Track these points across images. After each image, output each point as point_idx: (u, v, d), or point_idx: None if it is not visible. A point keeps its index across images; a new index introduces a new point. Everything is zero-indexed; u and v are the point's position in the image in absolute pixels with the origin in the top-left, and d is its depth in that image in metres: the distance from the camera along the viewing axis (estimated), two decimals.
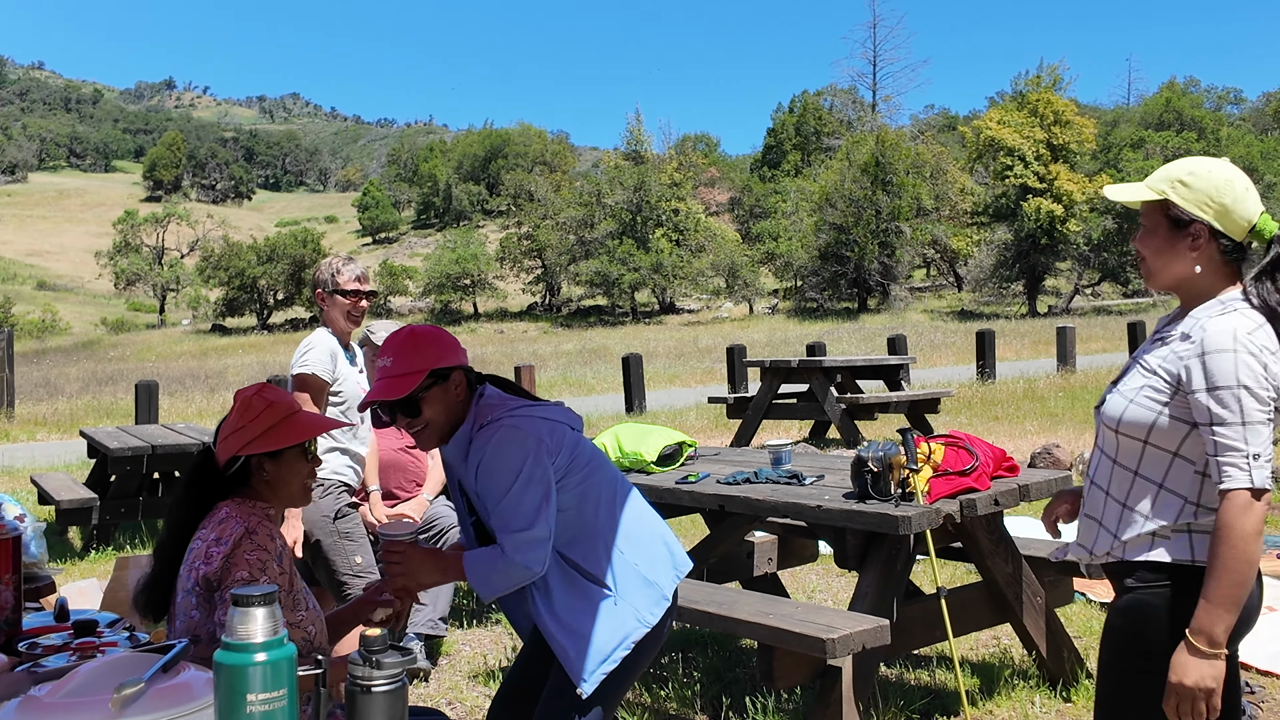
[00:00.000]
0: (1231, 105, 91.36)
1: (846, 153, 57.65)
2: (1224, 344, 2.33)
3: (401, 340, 2.94)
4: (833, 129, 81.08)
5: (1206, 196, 2.43)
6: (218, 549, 2.67)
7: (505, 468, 2.81)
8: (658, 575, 3.02)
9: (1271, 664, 4.97)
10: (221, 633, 2.59)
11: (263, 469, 2.81)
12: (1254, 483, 2.26)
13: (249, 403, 2.85)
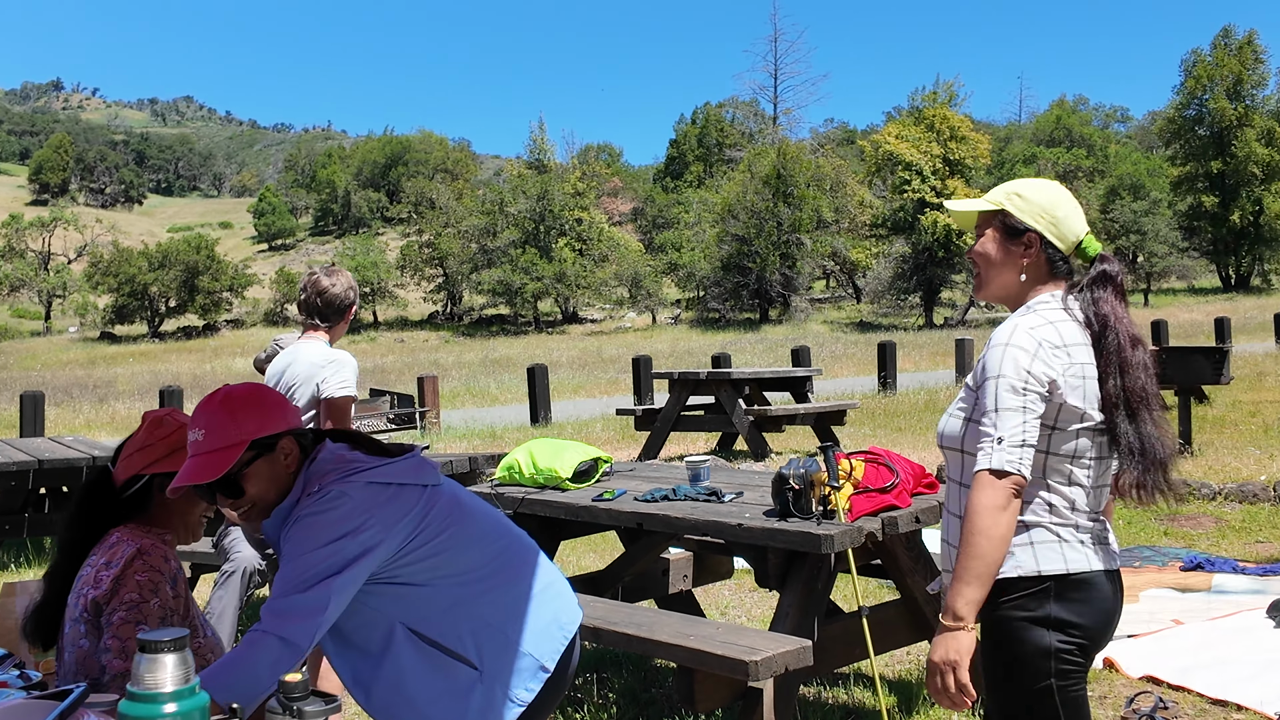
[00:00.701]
0: (1118, 123, 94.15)
1: (748, 165, 58.14)
2: (1000, 339, 2.47)
3: (214, 408, 2.46)
4: (734, 141, 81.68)
5: (1040, 208, 2.57)
6: (107, 573, 2.50)
7: (312, 535, 2.35)
8: (535, 644, 2.60)
9: (1182, 679, 5.02)
10: (109, 659, 2.42)
11: (162, 492, 2.61)
12: (992, 464, 2.37)
13: (159, 421, 2.69)
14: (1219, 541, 7.82)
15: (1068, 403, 2.46)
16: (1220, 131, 60.06)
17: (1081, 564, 2.48)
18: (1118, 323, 2.51)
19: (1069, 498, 2.50)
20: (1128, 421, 2.48)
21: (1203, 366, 10.63)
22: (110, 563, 2.52)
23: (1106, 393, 2.48)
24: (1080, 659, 2.48)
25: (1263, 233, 59.66)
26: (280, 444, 2.47)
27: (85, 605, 2.50)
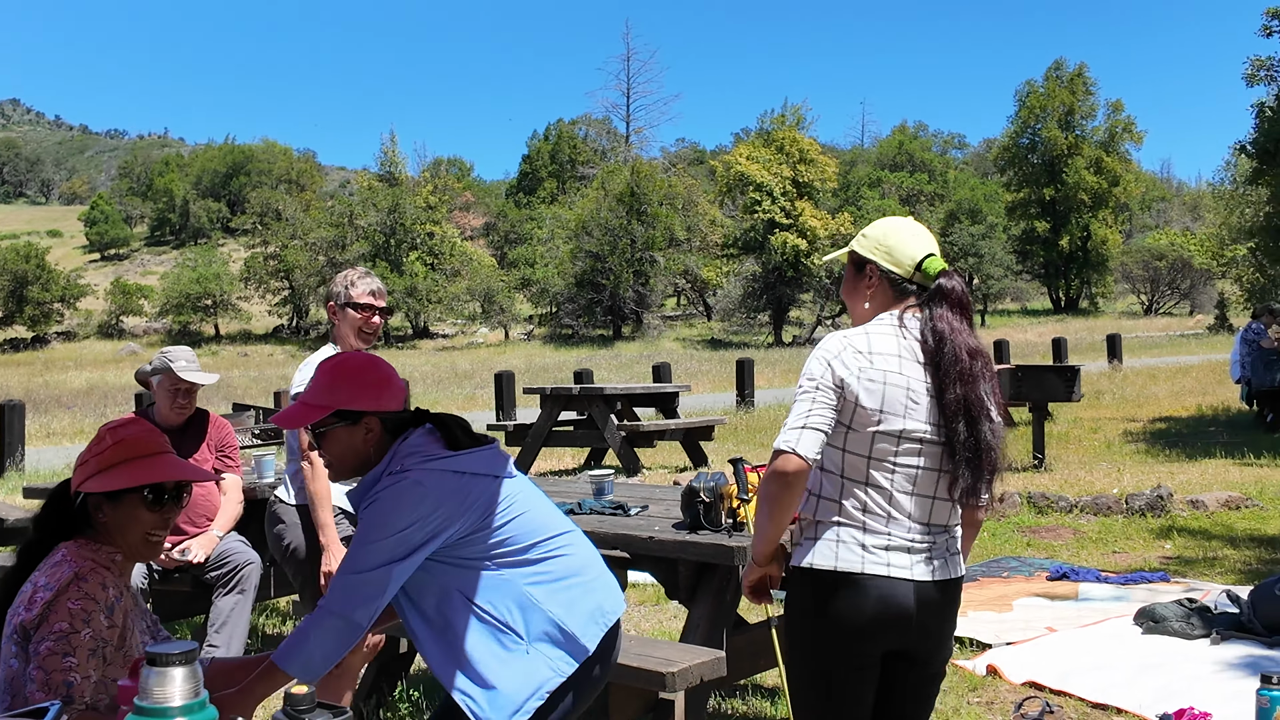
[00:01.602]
0: (956, 150, 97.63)
1: (601, 182, 58.41)
2: (816, 349, 2.75)
3: (323, 369, 2.79)
4: (587, 158, 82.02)
5: (874, 241, 2.87)
6: (41, 595, 2.38)
7: (386, 522, 2.60)
8: (578, 625, 2.81)
9: (1063, 683, 5.21)
10: (32, 690, 2.30)
11: (100, 510, 2.53)
12: (776, 443, 2.64)
13: (100, 435, 2.60)
14: (1079, 552, 8.16)
15: (860, 404, 2.64)
16: (1052, 160, 62.81)
17: (852, 564, 2.66)
18: (954, 335, 2.69)
19: (862, 500, 2.67)
20: (967, 430, 2.66)
21: (1056, 384, 11.09)
22: (47, 584, 2.40)
23: (946, 403, 2.66)
24: (845, 652, 2.71)
25: (1090, 257, 62.56)
26: (364, 420, 2.72)
27: (15, 626, 2.39)
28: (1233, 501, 9.19)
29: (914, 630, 2.71)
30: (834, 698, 2.77)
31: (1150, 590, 6.86)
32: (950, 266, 2.82)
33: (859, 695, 2.78)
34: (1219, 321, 44.71)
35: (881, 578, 2.66)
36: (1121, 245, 63.80)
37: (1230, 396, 16.90)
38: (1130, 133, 65.20)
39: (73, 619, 2.37)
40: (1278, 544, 8.08)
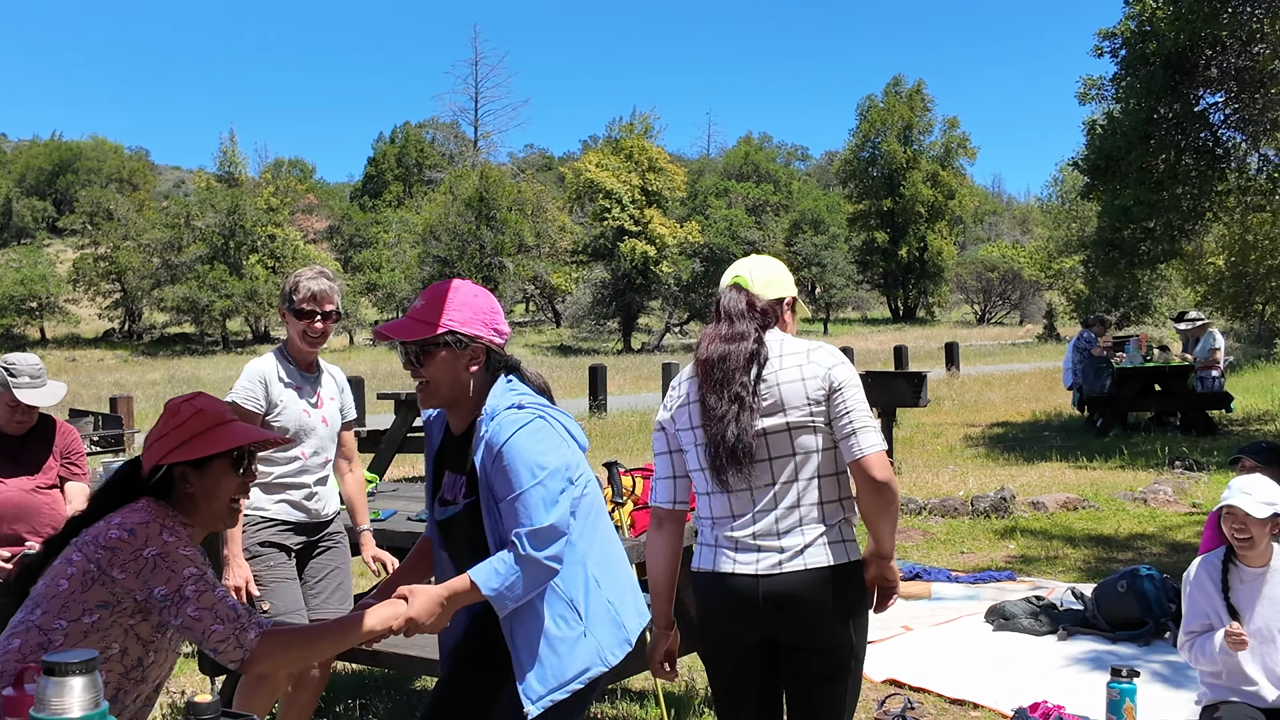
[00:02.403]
0: (799, 161, 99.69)
1: (449, 186, 57.81)
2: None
3: (439, 290, 2.80)
4: (435, 162, 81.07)
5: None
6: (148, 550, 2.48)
7: (533, 461, 2.63)
8: (626, 616, 2.87)
9: (922, 681, 5.35)
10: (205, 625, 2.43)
11: (186, 480, 2.62)
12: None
13: (176, 409, 2.66)
14: (929, 553, 8.39)
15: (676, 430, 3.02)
16: (891, 173, 64.68)
17: (701, 563, 2.98)
18: (701, 339, 2.98)
19: (707, 502, 2.97)
20: (719, 428, 2.91)
21: (904, 390, 11.41)
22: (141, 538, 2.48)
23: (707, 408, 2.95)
24: (705, 638, 3.02)
25: (927, 268, 64.60)
26: (471, 346, 2.75)
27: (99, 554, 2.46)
28: (1070, 503, 9.58)
29: (771, 619, 2.86)
30: (715, 686, 3.10)
31: (999, 589, 7.11)
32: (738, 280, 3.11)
33: (736, 683, 3.02)
34: (1047, 331, 46.65)
35: (712, 573, 2.93)
36: (956, 257, 66.09)
37: (1062, 402, 17.65)
38: (965, 148, 67.60)
39: (192, 560, 2.49)
40: (1113, 543, 8.46)
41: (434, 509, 2.96)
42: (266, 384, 4.17)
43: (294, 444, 4.16)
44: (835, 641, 2.91)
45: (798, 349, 2.95)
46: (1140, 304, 39.66)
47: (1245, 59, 14.16)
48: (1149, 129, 14.25)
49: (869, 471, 2.82)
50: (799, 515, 2.86)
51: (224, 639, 2.44)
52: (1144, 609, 5.95)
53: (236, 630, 2.45)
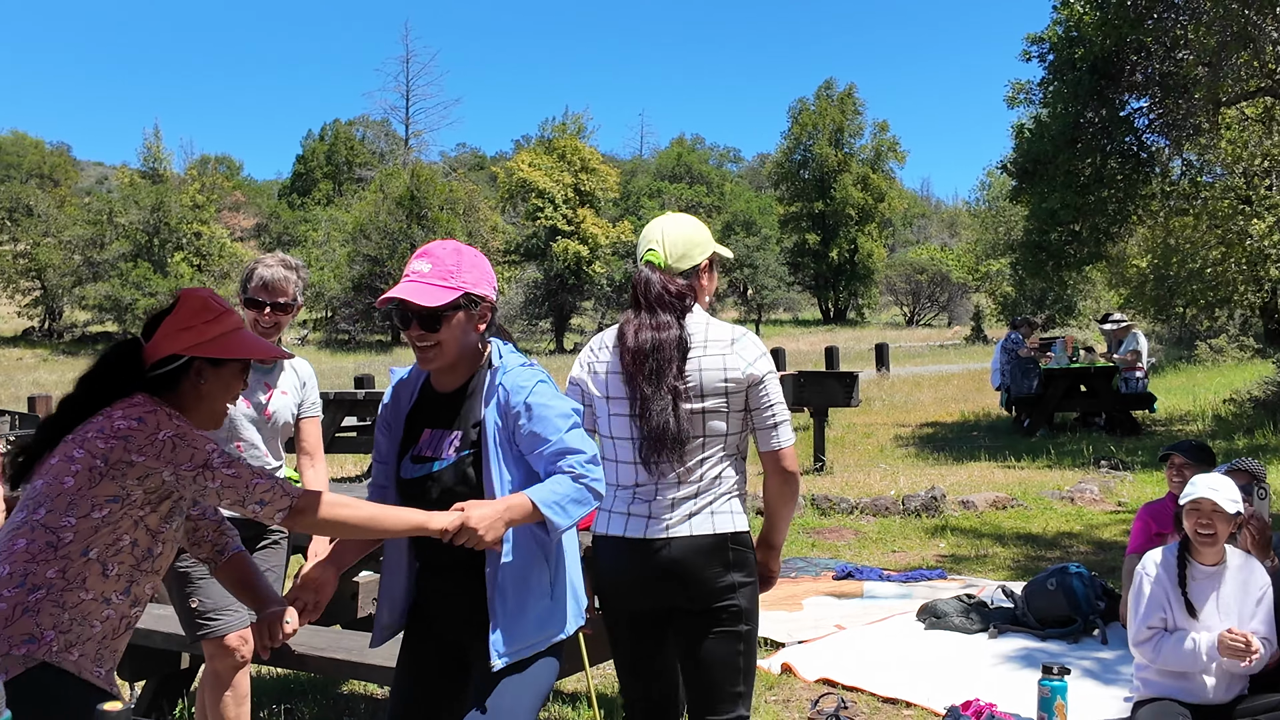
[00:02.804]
0: (731, 163, 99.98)
1: (380, 185, 57.26)
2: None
3: (449, 252, 2.81)
4: (365, 160, 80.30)
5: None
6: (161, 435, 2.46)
7: (566, 407, 2.79)
8: (580, 591, 2.99)
9: (856, 679, 5.34)
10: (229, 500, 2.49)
11: (201, 376, 2.60)
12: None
13: (204, 303, 2.63)
14: (861, 551, 8.42)
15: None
16: (823, 175, 65.10)
17: (608, 529, 3.08)
18: (625, 325, 3.07)
19: (606, 473, 3.02)
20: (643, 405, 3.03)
21: (836, 390, 11.45)
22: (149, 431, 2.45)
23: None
24: (605, 604, 3.14)
25: (857, 270, 65.12)
26: (481, 306, 2.82)
27: (108, 445, 2.42)
28: (999, 502, 9.67)
29: (668, 585, 3.00)
30: (616, 654, 3.23)
31: (930, 587, 7.13)
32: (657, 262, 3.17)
33: (637, 650, 3.14)
34: (975, 332, 47.21)
35: (609, 537, 3.08)
36: (886, 259, 66.69)
37: (990, 403, 17.84)
38: (894, 152, 68.23)
39: (210, 439, 2.51)
40: (1041, 541, 8.54)
41: (399, 468, 2.92)
42: None
43: (232, 437, 3.98)
44: (727, 607, 3.01)
45: (722, 336, 3.07)
46: (1065, 306, 40.28)
47: (1169, 65, 14.41)
48: (1076, 133, 14.44)
49: (782, 463, 3.06)
50: (697, 489, 3.01)
51: (269, 489, 2.48)
52: (1073, 606, 6.00)
53: (277, 483, 2.49)
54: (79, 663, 2.44)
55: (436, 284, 2.75)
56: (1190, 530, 4.17)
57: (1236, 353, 24.21)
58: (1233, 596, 4.20)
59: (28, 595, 2.39)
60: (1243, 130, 16.65)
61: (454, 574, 2.85)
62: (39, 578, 2.41)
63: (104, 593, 2.49)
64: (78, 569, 2.44)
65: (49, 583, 2.41)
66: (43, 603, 2.40)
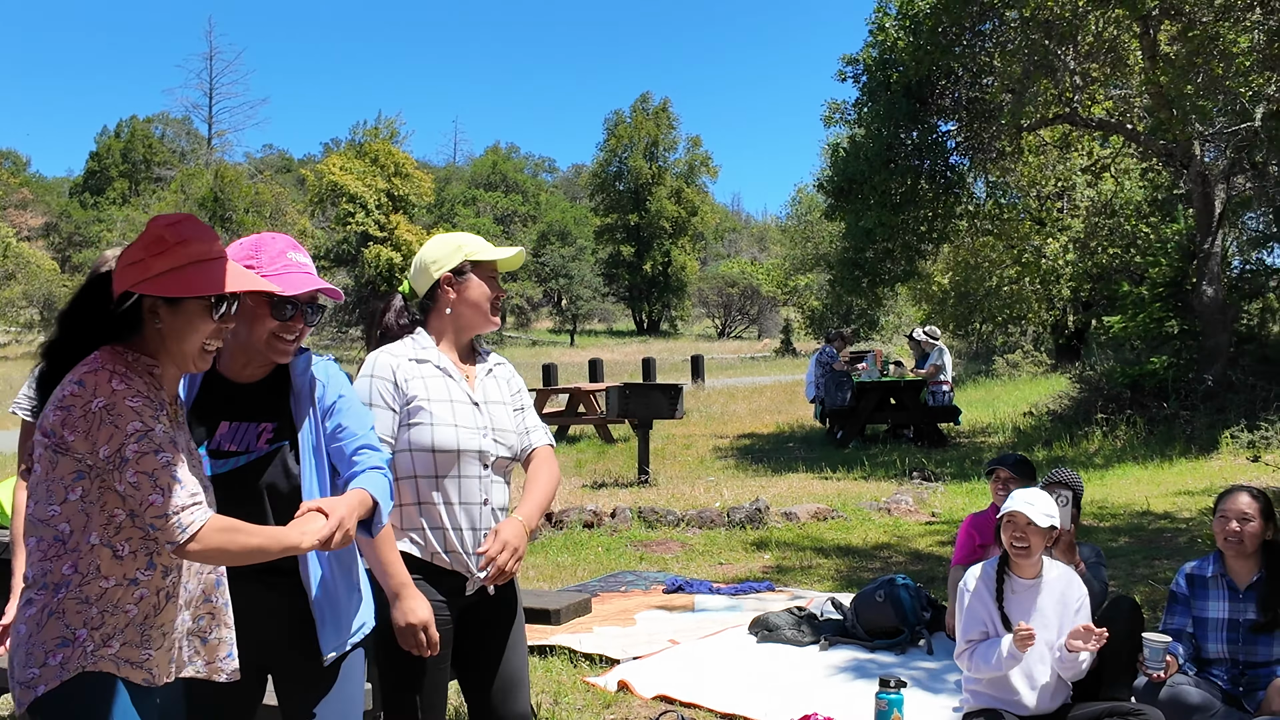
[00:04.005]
0: (546, 173, 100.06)
1: (181, 185, 55.13)
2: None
3: (284, 241, 2.81)
4: (164, 159, 77.15)
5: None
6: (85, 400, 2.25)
7: (362, 403, 2.91)
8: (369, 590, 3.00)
9: (693, 695, 5.28)
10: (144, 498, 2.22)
11: (156, 315, 2.35)
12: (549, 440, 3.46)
13: (159, 236, 2.36)
14: (688, 564, 8.42)
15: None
16: (638, 188, 65.78)
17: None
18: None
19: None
20: None
21: (661, 402, 11.48)
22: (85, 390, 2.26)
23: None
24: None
25: (670, 282, 66.00)
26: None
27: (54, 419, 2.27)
28: (820, 513, 9.84)
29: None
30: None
31: (760, 599, 7.17)
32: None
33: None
34: (785, 345, 48.38)
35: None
36: (698, 272, 67.78)
37: (804, 414, 18.24)
38: (707, 167, 69.49)
39: (139, 414, 2.26)
40: (861, 552, 8.71)
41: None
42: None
43: None
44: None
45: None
46: (869, 320, 41.64)
47: (975, 90, 15.02)
48: (890, 153, 14.90)
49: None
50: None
51: (161, 514, 2.23)
52: (900, 618, 6.10)
53: (178, 509, 2.24)
54: (120, 654, 2.31)
55: (316, 274, 2.75)
56: (1006, 543, 4.26)
57: (1031, 367, 25.44)
58: (1051, 609, 4.31)
59: (52, 596, 2.27)
60: (1041, 155, 17.50)
61: (272, 577, 2.71)
62: (56, 575, 2.28)
63: (125, 574, 2.32)
64: (88, 558, 2.28)
65: (66, 579, 2.27)
66: (66, 601, 2.26)
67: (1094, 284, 21.43)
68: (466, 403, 3.19)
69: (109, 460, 2.23)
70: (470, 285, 3.23)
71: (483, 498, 3.15)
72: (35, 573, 2.28)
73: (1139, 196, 19.61)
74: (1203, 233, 14.12)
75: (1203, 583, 4.67)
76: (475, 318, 3.25)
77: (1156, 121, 14.23)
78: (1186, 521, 9.31)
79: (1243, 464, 12.02)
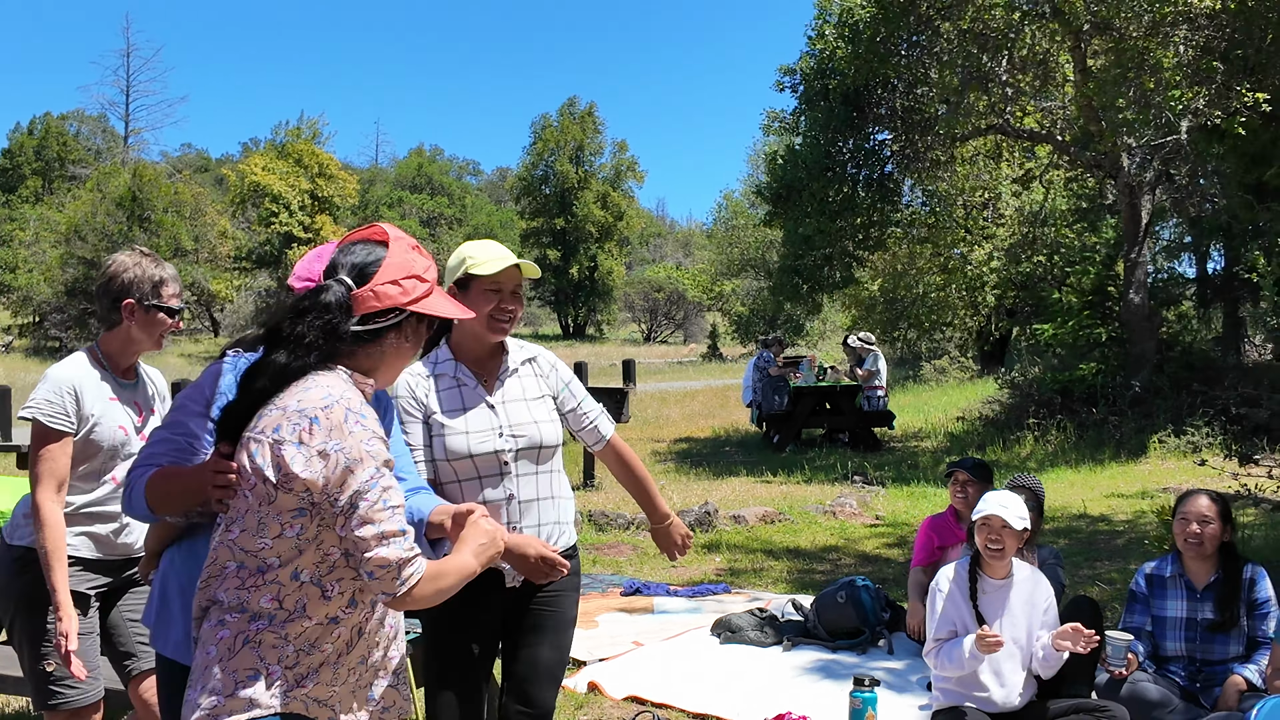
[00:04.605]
0: (471, 176, 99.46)
1: (97, 184, 53.89)
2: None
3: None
4: (79, 157, 75.46)
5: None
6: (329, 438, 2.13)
7: None
8: None
9: (663, 696, 5.34)
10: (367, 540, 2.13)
11: (403, 334, 2.30)
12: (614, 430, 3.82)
13: (408, 255, 2.31)
14: (641, 567, 8.47)
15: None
16: (564, 192, 65.65)
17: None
18: None
19: None
20: None
21: (608, 406, 11.47)
22: (331, 419, 2.13)
23: None
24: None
25: (597, 286, 65.97)
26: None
27: (275, 453, 2.13)
28: (768, 516, 9.94)
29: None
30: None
31: (718, 601, 7.24)
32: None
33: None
34: (711, 350, 48.59)
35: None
36: (625, 276, 67.84)
37: (739, 418, 18.39)
38: (633, 172, 69.54)
39: (375, 457, 2.16)
40: (811, 555, 8.82)
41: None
42: (78, 396, 3.46)
43: (108, 468, 3.53)
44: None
45: None
46: (795, 325, 42.02)
47: (910, 101, 15.28)
48: (828, 161, 15.10)
49: None
50: None
51: (383, 565, 2.15)
52: (861, 619, 6.20)
53: (401, 561, 2.15)
54: (311, 693, 2.22)
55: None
56: (981, 545, 4.36)
57: (959, 373, 25.87)
58: (1020, 608, 4.42)
59: (248, 624, 2.17)
60: (973, 164, 17.85)
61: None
62: (255, 605, 2.18)
63: (329, 614, 2.23)
64: (294, 595, 2.19)
65: (266, 612, 2.17)
66: (264, 633, 2.17)
67: (1018, 291, 21.91)
68: (482, 407, 3.27)
69: (339, 506, 2.13)
70: (470, 298, 3.26)
71: (507, 494, 3.27)
72: (231, 598, 2.19)
73: (1064, 206, 20.08)
74: (1129, 242, 14.51)
75: (1161, 582, 4.82)
76: (477, 329, 3.31)
77: (1086, 133, 14.59)
78: (1123, 524, 9.56)
79: (1171, 467, 12.36)
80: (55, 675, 3.42)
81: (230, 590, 2.20)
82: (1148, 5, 12.13)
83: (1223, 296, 20.38)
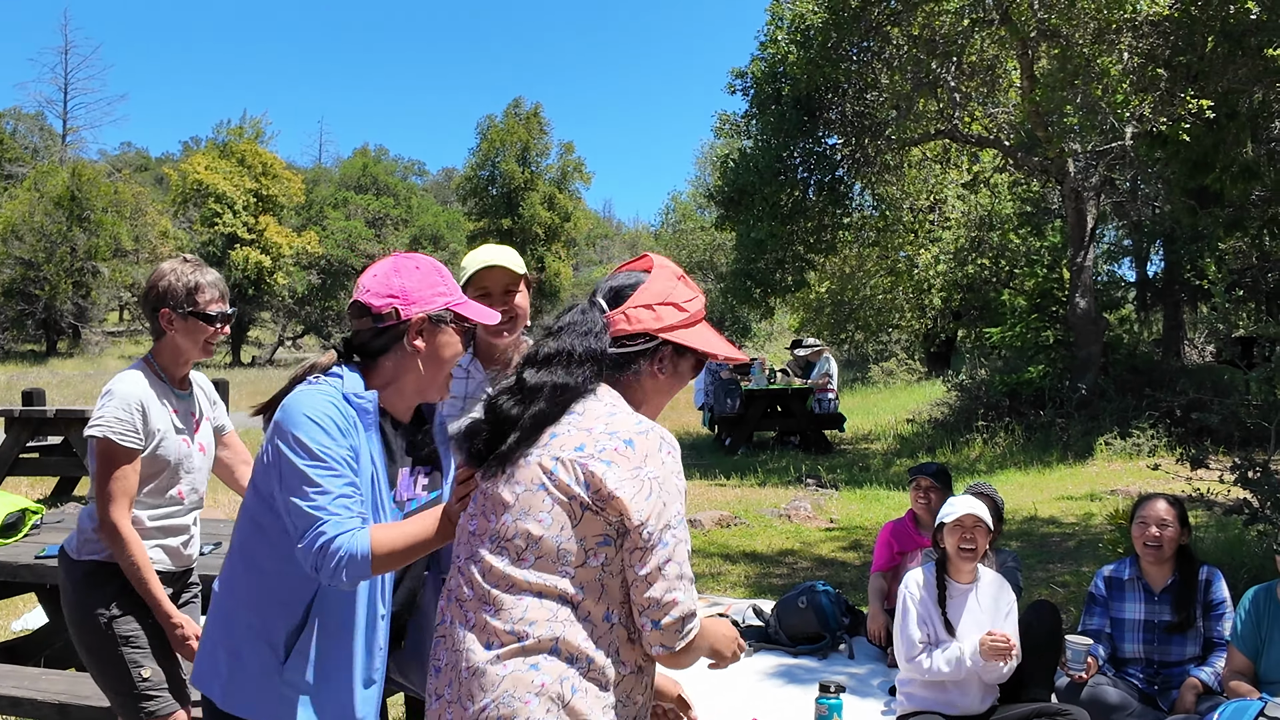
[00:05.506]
0: (417, 176, 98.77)
1: (35, 183, 52.96)
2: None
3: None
4: (16, 155, 74.04)
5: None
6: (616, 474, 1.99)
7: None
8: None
9: None
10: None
11: (657, 364, 2.19)
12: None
13: (684, 276, 2.24)
14: None
15: None
16: (510, 193, 65.42)
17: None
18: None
19: None
20: None
21: None
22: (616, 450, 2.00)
23: None
24: None
25: (545, 288, 65.82)
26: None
27: (584, 472, 1.98)
28: (724, 520, 9.96)
29: None
30: None
31: None
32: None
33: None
34: None
35: None
36: (572, 278, 67.76)
37: (688, 421, 18.41)
38: (580, 173, 69.45)
39: (683, 496, 2.07)
40: (767, 559, 8.85)
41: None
42: (145, 411, 3.34)
43: (173, 482, 3.44)
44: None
45: None
46: (741, 327, 42.19)
47: (861, 105, 15.39)
48: (779, 165, 15.17)
49: None
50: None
51: (671, 614, 1.95)
52: (822, 624, 6.23)
53: (690, 614, 1.97)
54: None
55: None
56: (953, 547, 4.40)
57: (906, 375, 26.11)
58: (985, 611, 4.47)
59: (569, 668, 1.98)
60: (921, 169, 18.01)
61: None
62: (573, 647, 1.98)
63: (637, 661, 2.05)
64: (606, 638, 2.01)
65: (586, 655, 1.99)
66: (586, 681, 1.99)
67: (964, 294, 22.15)
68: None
69: (646, 538, 1.95)
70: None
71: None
72: (544, 633, 1.98)
73: (1010, 210, 20.33)
74: (1075, 247, 14.71)
75: (1120, 585, 4.89)
76: (481, 334, 3.33)
77: (1033, 138, 14.78)
78: (1073, 526, 9.68)
79: (1117, 469, 12.54)
80: (151, 681, 3.30)
81: (543, 623, 1.99)
82: (1094, 13, 12.32)
83: (1163, 300, 20.74)
